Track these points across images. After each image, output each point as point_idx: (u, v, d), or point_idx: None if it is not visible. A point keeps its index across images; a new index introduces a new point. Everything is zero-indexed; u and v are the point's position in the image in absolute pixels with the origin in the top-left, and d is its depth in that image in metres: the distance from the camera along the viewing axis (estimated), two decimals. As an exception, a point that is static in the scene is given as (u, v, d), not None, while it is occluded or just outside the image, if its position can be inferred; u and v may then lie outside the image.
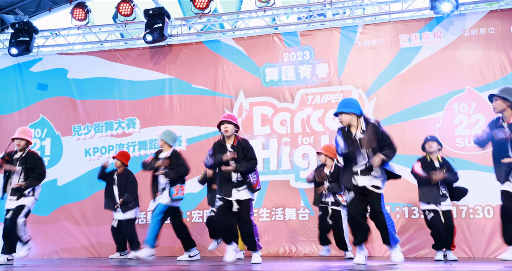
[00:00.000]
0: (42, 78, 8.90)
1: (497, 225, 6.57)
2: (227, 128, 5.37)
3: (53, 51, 9.10)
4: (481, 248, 6.67)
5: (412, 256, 6.81)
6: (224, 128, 5.39)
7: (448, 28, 7.41)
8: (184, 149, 7.99)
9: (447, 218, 5.83)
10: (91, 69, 8.77)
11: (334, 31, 7.93)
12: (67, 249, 8.08)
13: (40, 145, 8.67)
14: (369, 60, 7.69)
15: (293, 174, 7.67)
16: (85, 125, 8.62)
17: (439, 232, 5.83)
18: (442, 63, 7.39)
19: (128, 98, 8.55)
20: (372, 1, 8.07)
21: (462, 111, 7.17)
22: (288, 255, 7.36)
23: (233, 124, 5.42)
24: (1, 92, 9.03)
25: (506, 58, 7.11)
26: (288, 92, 7.96)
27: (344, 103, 4.86)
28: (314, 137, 7.69)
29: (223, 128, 5.40)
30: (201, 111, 8.19)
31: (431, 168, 5.86)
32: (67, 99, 8.74)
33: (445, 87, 7.30)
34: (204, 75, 8.31)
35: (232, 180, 5.27)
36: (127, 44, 8.94)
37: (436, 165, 5.88)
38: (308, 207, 7.45)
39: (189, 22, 8.73)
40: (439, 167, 5.86)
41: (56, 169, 8.48)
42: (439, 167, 5.86)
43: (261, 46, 8.19)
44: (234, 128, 5.43)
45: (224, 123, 5.41)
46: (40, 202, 7.69)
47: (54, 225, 8.04)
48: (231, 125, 5.41)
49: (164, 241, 7.44)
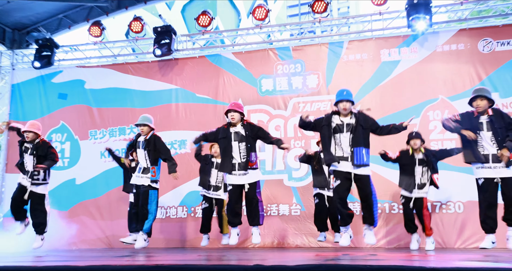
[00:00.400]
0: (62, 89, 8.99)
1: (466, 219, 6.82)
2: (233, 116, 5.50)
3: (72, 64, 9.17)
4: (453, 239, 6.80)
5: (392, 247, 6.94)
6: (231, 116, 5.52)
7: (423, 44, 7.50)
8: (188, 151, 7.95)
9: (418, 204, 6.06)
10: (106, 80, 8.84)
11: (322, 46, 7.99)
12: (84, 241, 8.09)
13: (61, 148, 8.70)
14: (354, 72, 7.73)
15: (286, 173, 7.75)
16: (101, 130, 8.68)
17: (407, 215, 6.14)
18: (418, 75, 7.46)
19: (139, 106, 8.56)
20: (356, 20, 8.22)
21: (436, 118, 7.25)
22: (281, 246, 7.41)
23: (239, 113, 5.56)
24: (26, 101, 9.11)
25: (474, 71, 7.23)
26: (282, 100, 8.03)
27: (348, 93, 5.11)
28: (305, 141, 7.75)
29: (230, 116, 5.53)
30: (204, 118, 8.21)
31: (410, 159, 6.13)
32: (85, 107, 8.83)
33: (421, 97, 7.36)
34: (207, 85, 8.38)
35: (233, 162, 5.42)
36: (138, 58, 9.01)
37: (416, 157, 6.11)
38: (299, 203, 7.54)
39: (193, 38, 8.80)
40: (421, 158, 6.11)
41: (74, 169, 8.60)
42: (421, 158, 6.11)
43: (258, 59, 8.25)
44: (239, 116, 5.55)
45: (231, 111, 5.54)
46: (60, 199, 8.01)
47: (73, 219, 8.07)
48: (237, 113, 5.54)
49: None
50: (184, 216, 8.01)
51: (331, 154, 5.01)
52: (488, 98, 5.07)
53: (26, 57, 9.42)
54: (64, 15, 9.42)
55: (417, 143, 6.13)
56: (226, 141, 5.52)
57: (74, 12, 9.41)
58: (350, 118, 5.10)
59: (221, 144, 5.59)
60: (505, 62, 7.16)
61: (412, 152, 6.17)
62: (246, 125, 5.54)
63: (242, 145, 5.48)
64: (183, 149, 8.18)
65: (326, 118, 5.17)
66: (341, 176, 4.97)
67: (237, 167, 5.46)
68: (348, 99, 5.06)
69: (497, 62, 7.20)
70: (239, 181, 5.48)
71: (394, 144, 7.09)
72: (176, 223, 8.03)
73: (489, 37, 7.31)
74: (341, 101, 5.06)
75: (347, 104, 5.06)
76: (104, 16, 9.18)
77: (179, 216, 8.04)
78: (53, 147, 6.35)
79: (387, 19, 7.87)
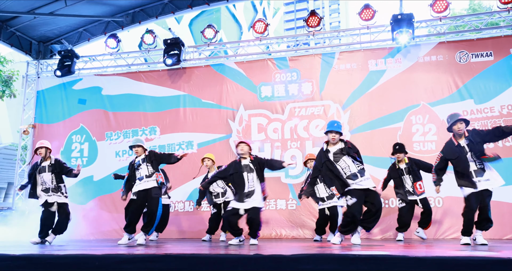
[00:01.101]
0: (82, 95, 9.03)
1: (445, 212, 6.84)
2: (243, 148, 5.44)
3: (91, 73, 9.23)
4: (433, 231, 6.79)
5: (378, 238, 6.94)
6: (240, 148, 5.45)
7: (406, 55, 7.55)
8: (195, 151, 8.06)
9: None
10: (121, 87, 8.86)
11: (316, 57, 8.03)
12: (100, 232, 8.10)
13: (80, 148, 8.75)
14: (345, 81, 7.78)
15: (283, 172, 7.69)
16: (116, 132, 8.70)
17: (399, 216, 6.15)
18: (402, 83, 7.50)
19: (150, 110, 8.60)
20: (347, 33, 8.25)
21: (418, 122, 7.30)
22: (279, 237, 7.46)
23: (248, 146, 5.47)
24: (50, 106, 9.14)
25: (452, 80, 7.27)
26: (280, 105, 8.04)
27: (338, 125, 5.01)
28: (300, 142, 7.78)
29: (240, 149, 5.44)
30: (209, 121, 8.25)
31: (397, 172, 6.14)
32: (102, 111, 8.86)
33: (404, 103, 7.41)
34: (212, 92, 8.40)
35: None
36: (149, 67, 9.03)
37: (402, 167, 6.09)
38: (295, 198, 7.52)
39: (199, 49, 8.85)
40: (404, 167, 6.08)
41: (92, 167, 8.62)
42: (404, 167, 6.08)
43: (258, 68, 8.28)
44: (248, 150, 5.47)
45: (241, 144, 5.50)
46: (79, 194, 7.97)
47: (91, 212, 8.08)
48: (247, 146, 5.47)
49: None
50: (191, 210, 8.01)
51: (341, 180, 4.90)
52: (466, 121, 5.01)
53: (50, 66, 9.47)
54: (84, 28, 9.46)
55: (400, 156, 6.12)
56: (237, 174, 5.43)
57: (93, 26, 9.45)
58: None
59: (234, 177, 5.49)
60: (479, 72, 7.20)
61: (398, 166, 6.17)
62: (254, 160, 5.46)
63: (250, 176, 5.40)
64: (190, 149, 8.19)
65: (320, 156, 5.06)
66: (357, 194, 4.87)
67: (246, 196, 5.36)
68: (337, 131, 4.97)
69: (472, 72, 7.23)
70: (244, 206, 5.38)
71: (381, 146, 7.17)
72: (183, 216, 8.03)
73: (465, 49, 7.35)
74: (331, 132, 4.99)
75: (336, 135, 4.98)
76: (119, 30, 9.21)
77: (186, 210, 8.05)
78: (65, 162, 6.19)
79: (374, 33, 7.92)
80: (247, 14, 38.63)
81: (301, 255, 2.88)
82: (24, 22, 8.90)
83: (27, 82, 9.45)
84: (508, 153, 6.65)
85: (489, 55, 7.19)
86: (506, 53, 7.13)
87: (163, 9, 8.91)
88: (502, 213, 6.50)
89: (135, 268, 2.98)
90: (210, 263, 2.96)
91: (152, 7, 8.93)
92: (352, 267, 2.74)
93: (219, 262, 2.96)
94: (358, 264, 2.75)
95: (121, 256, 3.17)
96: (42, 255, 3.34)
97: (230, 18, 36.91)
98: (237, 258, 3.06)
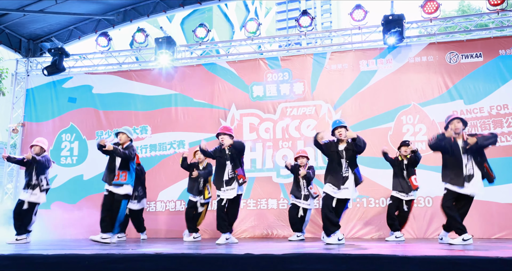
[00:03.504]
0: (72, 93, 8.92)
1: (435, 212, 6.85)
2: (223, 139, 5.62)
3: (81, 71, 9.12)
4: (423, 230, 6.89)
5: (368, 237, 6.98)
6: (221, 139, 5.63)
7: (397, 56, 7.57)
8: (186, 150, 7.94)
9: (408, 206, 6.26)
10: (112, 86, 8.78)
11: (308, 57, 8.02)
12: (90, 231, 7.48)
13: (69, 147, 8.65)
14: (336, 81, 7.78)
15: (275, 171, 7.77)
16: (106, 131, 8.61)
17: (388, 214, 6.25)
18: (393, 83, 7.52)
19: (141, 109, 8.55)
20: (338, 33, 8.28)
21: (408, 122, 7.34)
22: (270, 237, 7.46)
23: (228, 135, 5.64)
24: (39, 104, 9.03)
25: (442, 81, 7.32)
26: (271, 105, 8.04)
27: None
28: (292, 142, 7.78)
29: (220, 139, 5.64)
30: (200, 121, 8.21)
31: (399, 165, 6.27)
32: (92, 110, 8.76)
33: (395, 103, 7.44)
34: (203, 91, 8.35)
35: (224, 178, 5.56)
36: (141, 65, 8.99)
37: (404, 163, 6.26)
38: (286, 198, 7.52)
39: (191, 48, 8.79)
40: (406, 163, 6.25)
41: (82, 166, 8.51)
42: (406, 163, 6.25)
43: (249, 68, 8.24)
44: (229, 138, 5.62)
45: (221, 134, 5.65)
46: (69, 193, 7.95)
47: (81, 212, 7.82)
48: (226, 136, 5.62)
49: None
50: (182, 209, 7.95)
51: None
52: (463, 121, 5.00)
53: (40, 64, 9.36)
54: (74, 26, 9.35)
55: (407, 150, 6.22)
56: (221, 159, 5.66)
57: (84, 24, 9.35)
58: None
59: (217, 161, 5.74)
60: (469, 72, 7.26)
61: (402, 158, 6.27)
62: (231, 148, 5.64)
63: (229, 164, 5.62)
64: (181, 148, 8.16)
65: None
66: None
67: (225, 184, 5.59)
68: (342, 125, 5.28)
69: (462, 72, 7.29)
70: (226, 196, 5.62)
71: (372, 146, 7.17)
72: (174, 216, 7.99)
73: (455, 50, 7.40)
74: (336, 129, 5.27)
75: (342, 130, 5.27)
76: (110, 28, 9.13)
77: (177, 209, 8.01)
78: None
79: (366, 33, 7.93)
80: (239, 14, 38.57)
81: (292, 255, 2.88)
82: (13, 20, 8.78)
83: (17, 80, 9.33)
84: (498, 153, 6.67)
85: (479, 56, 7.25)
86: (495, 54, 7.19)
87: (155, 8, 8.84)
88: (491, 212, 6.59)
89: (125, 267, 2.96)
90: (200, 262, 2.95)
91: (144, 6, 8.86)
92: (344, 267, 2.75)
93: (210, 262, 2.95)
94: (349, 263, 2.76)
95: (111, 256, 3.14)
96: (30, 255, 3.30)
97: (222, 17, 36.82)
98: (227, 257, 3.05)
